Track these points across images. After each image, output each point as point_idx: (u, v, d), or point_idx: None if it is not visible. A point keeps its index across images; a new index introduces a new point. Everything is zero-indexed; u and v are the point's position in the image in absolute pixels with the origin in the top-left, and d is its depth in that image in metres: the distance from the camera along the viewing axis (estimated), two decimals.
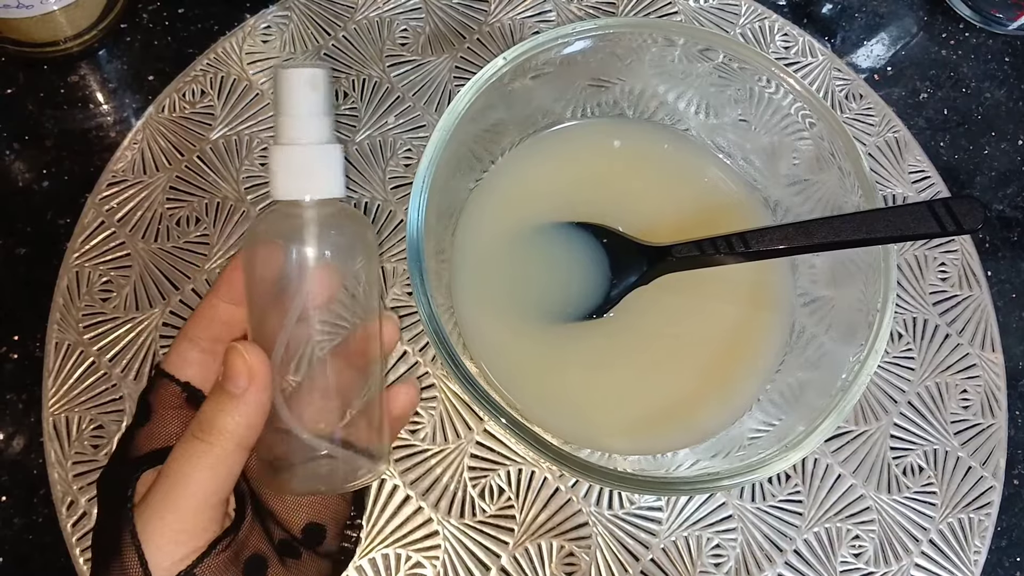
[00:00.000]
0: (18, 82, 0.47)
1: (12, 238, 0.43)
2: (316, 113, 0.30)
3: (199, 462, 0.28)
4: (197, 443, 0.29)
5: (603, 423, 0.39)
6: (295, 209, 0.30)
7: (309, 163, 0.30)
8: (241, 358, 0.29)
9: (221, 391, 0.29)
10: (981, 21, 0.52)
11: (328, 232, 0.30)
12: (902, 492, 0.42)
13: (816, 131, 0.38)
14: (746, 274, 0.39)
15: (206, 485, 0.28)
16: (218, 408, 0.29)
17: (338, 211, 0.31)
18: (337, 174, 0.31)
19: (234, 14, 0.49)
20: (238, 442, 0.29)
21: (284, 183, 0.30)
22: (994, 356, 0.44)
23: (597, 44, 0.38)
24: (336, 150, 0.31)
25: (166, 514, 0.28)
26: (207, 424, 0.29)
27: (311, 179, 0.30)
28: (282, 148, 0.30)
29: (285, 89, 0.30)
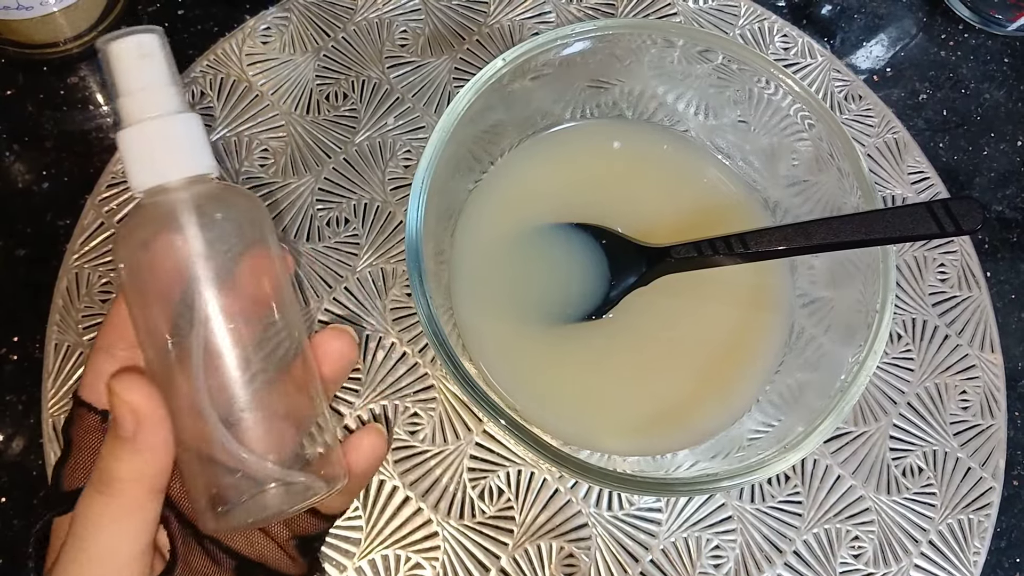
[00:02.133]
0: (18, 83, 0.47)
1: (12, 239, 0.43)
2: (156, 84, 0.25)
3: (104, 517, 0.25)
4: (99, 498, 0.25)
5: (602, 424, 0.39)
6: (164, 196, 0.25)
7: (161, 139, 0.25)
8: (118, 399, 0.25)
9: (113, 436, 0.25)
10: (980, 22, 0.52)
11: (212, 214, 0.25)
12: (901, 493, 0.42)
13: (815, 132, 0.38)
14: (745, 275, 0.39)
15: (117, 539, 0.25)
16: (113, 456, 0.25)
17: (216, 188, 0.26)
18: (200, 145, 0.26)
19: (234, 15, 0.49)
20: (144, 489, 0.25)
21: (140, 170, 0.25)
22: (993, 357, 0.44)
23: (596, 45, 0.38)
24: (191, 119, 0.26)
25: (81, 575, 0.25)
26: (105, 474, 0.25)
27: (169, 156, 0.25)
28: (127, 131, 0.25)
29: (114, 65, 0.25)
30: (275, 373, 0.27)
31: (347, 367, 0.30)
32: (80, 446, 0.29)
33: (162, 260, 0.25)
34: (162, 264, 0.25)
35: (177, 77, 0.26)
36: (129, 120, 0.25)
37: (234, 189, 0.27)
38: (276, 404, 0.26)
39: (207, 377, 0.25)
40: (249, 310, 0.26)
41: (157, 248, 0.25)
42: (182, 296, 0.25)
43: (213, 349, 0.25)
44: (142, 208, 0.26)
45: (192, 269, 0.25)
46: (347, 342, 0.30)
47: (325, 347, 0.29)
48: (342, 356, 0.30)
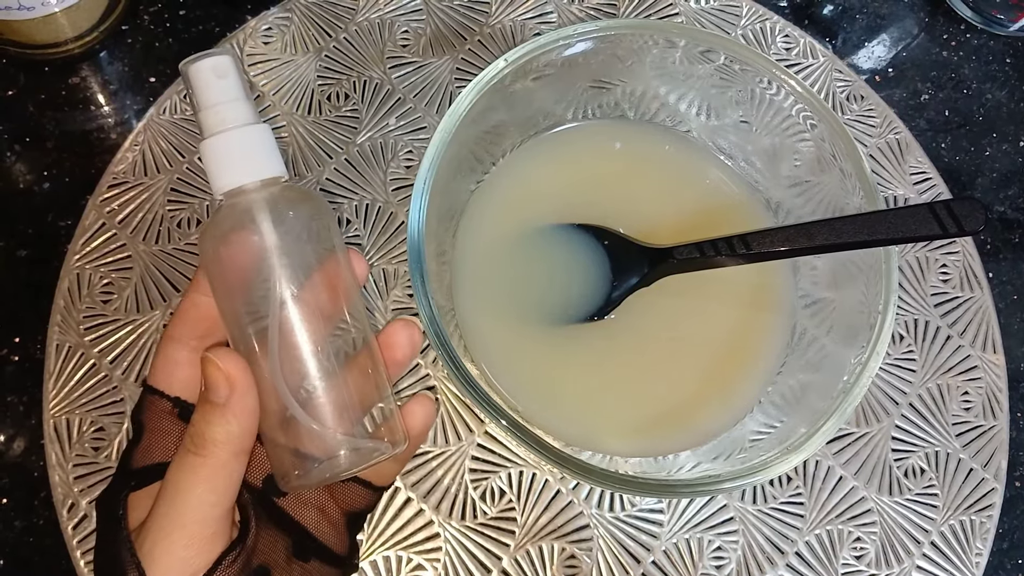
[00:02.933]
0: (19, 84, 0.47)
1: (13, 240, 0.43)
2: (231, 99, 0.29)
3: (195, 476, 0.28)
4: (191, 457, 0.28)
5: (604, 425, 0.39)
6: (241, 197, 0.29)
7: (239, 146, 0.29)
8: (214, 367, 0.28)
9: (205, 402, 0.28)
10: (982, 22, 0.52)
11: (284, 211, 0.29)
12: (903, 494, 0.41)
13: (817, 132, 0.38)
14: (747, 276, 0.39)
15: (206, 498, 0.28)
16: (205, 420, 0.28)
17: (285, 189, 0.30)
18: (271, 152, 0.29)
19: (235, 16, 0.49)
20: (232, 451, 0.28)
21: (220, 174, 0.29)
22: (995, 358, 0.44)
23: (598, 46, 0.38)
24: (263, 130, 0.29)
25: (170, 532, 0.27)
26: (198, 437, 0.28)
27: (246, 161, 0.29)
28: (208, 141, 0.29)
29: (194, 84, 0.29)
30: (343, 354, 0.30)
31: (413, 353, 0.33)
32: (152, 429, 0.31)
33: (241, 252, 0.28)
34: (241, 256, 0.29)
35: (248, 92, 0.30)
36: (209, 131, 0.29)
37: (301, 190, 0.31)
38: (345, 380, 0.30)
39: (284, 358, 0.29)
40: (319, 295, 0.29)
41: (237, 242, 0.28)
42: (260, 284, 0.28)
43: (287, 332, 0.29)
44: (222, 208, 0.29)
45: (268, 259, 0.28)
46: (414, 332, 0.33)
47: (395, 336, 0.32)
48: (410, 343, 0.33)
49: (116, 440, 0.40)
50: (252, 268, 0.29)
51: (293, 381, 0.29)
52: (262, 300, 0.29)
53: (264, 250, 0.28)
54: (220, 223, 0.29)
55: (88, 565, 0.38)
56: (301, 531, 0.32)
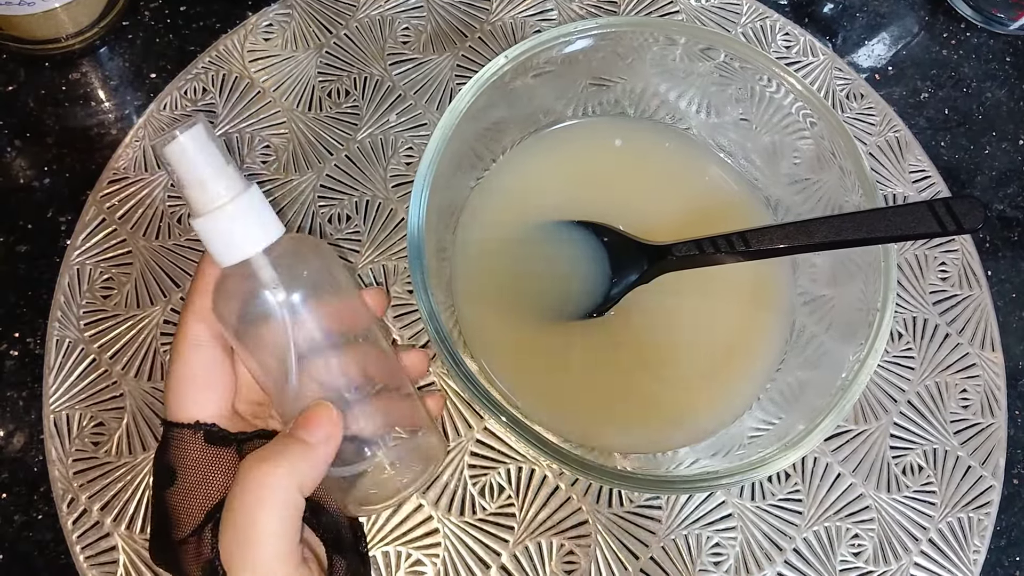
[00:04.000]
0: (19, 79, 0.47)
1: (13, 235, 0.43)
2: (215, 171, 0.28)
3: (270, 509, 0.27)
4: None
5: (603, 421, 0.39)
6: (247, 268, 0.29)
7: (236, 221, 0.29)
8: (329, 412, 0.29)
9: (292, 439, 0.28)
10: (982, 21, 0.52)
11: (294, 272, 0.29)
12: (902, 491, 0.42)
13: (817, 130, 0.38)
14: (746, 273, 0.39)
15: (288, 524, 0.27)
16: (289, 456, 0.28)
17: (288, 244, 0.30)
18: (268, 216, 0.30)
19: (236, 12, 0.49)
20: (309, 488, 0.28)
21: (222, 252, 0.29)
22: (994, 356, 0.44)
23: (598, 43, 0.38)
24: (254, 194, 0.29)
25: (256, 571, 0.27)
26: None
27: (245, 234, 0.29)
28: (202, 221, 0.29)
29: (174, 163, 0.28)
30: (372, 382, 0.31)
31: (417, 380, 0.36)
32: (184, 467, 0.30)
33: (256, 317, 0.29)
34: (257, 321, 0.29)
35: (228, 156, 0.29)
36: (200, 210, 0.29)
37: (302, 241, 0.31)
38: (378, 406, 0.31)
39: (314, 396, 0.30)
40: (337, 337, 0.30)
41: (249, 310, 0.29)
42: (279, 341, 0.29)
43: (316, 378, 0.30)
44: (230, 277, 0.30)
45: (282, 319, 0.29)
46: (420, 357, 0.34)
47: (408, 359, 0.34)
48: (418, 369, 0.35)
49: (116, 435, 0.40)
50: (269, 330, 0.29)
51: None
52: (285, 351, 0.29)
53: (277, 311, 0.29)
54: (231, 292, 0.30)
55: (88, 560, 0.38)
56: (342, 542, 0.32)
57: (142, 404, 0.40)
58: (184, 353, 0.31)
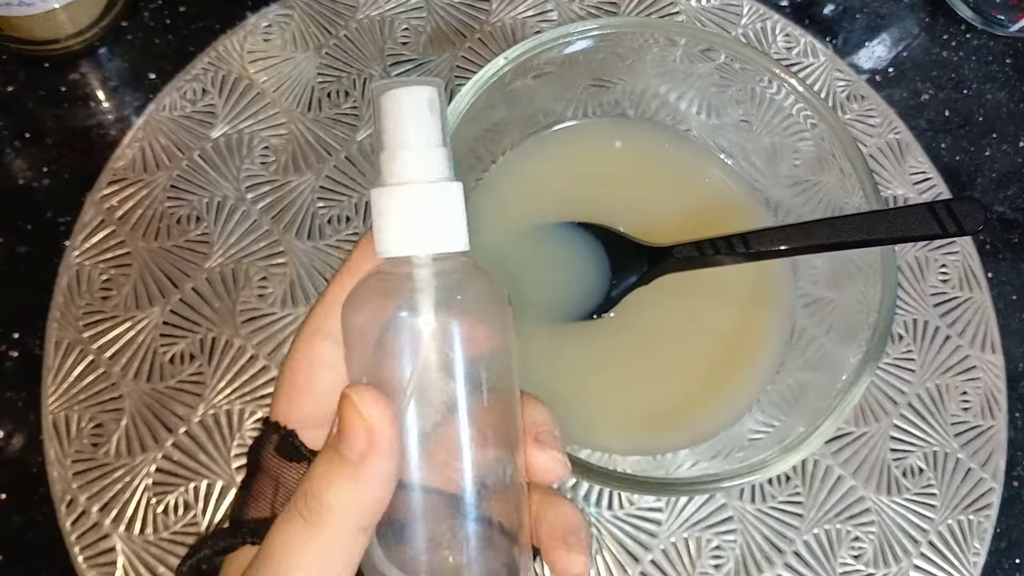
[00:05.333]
0: (19, 80, 0.46)
1: (12, 236, 0.43)
2: (432, 144, 0.23)
3: (304, 550, 0.21)
4: (301, 524, 0.21)
5: (603, 423, 0.39)
6: (406, 268, 0.23)
7: (423, 208, 0.23)
8: (356, 412, 0.21)
9: (333, 452, 0.22)
10: (982, 23, 0.52)
11: (453, 296, 0.23)
12: (902, 494, 0.41)
13: (817, 132, 0.38)
14: (747, 275, 0.39)
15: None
16: (328, 478, 0.22)
17: (464, 268, 0.24)
18: (459, 221, 0.24)
19: (235, 12, 0.49)
20: (356, 523, 0.22)
21: (391, 235, 0.23)
22: (994, 358, 0.44)
23: (598, 44, 0.38)
24: (456, 190, 0.24)
25: None
26: (314, 500, 0.21)
27: (425, 229, 0.23)
28: (387, 190, 0.23)
29: (391, 114, 0.23)
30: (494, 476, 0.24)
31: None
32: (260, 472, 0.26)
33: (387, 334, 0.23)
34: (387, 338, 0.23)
35: (447, 137, 0.24)
36: (391, 178, 0.23)
37: (482, 273, 0.25)
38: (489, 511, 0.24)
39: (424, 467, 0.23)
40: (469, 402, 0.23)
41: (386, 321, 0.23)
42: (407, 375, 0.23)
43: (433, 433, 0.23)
44: (381, 276, 0.24)
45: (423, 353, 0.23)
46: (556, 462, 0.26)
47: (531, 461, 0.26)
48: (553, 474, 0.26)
49: (115, 436, 0.40)
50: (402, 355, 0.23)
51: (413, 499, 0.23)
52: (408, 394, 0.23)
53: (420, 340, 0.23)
54: (373, 292, 0.24)
55: (87, 561, 0.38)
56: None
57: (141, 405, 0.40)
58: (298, 342, 0.26)
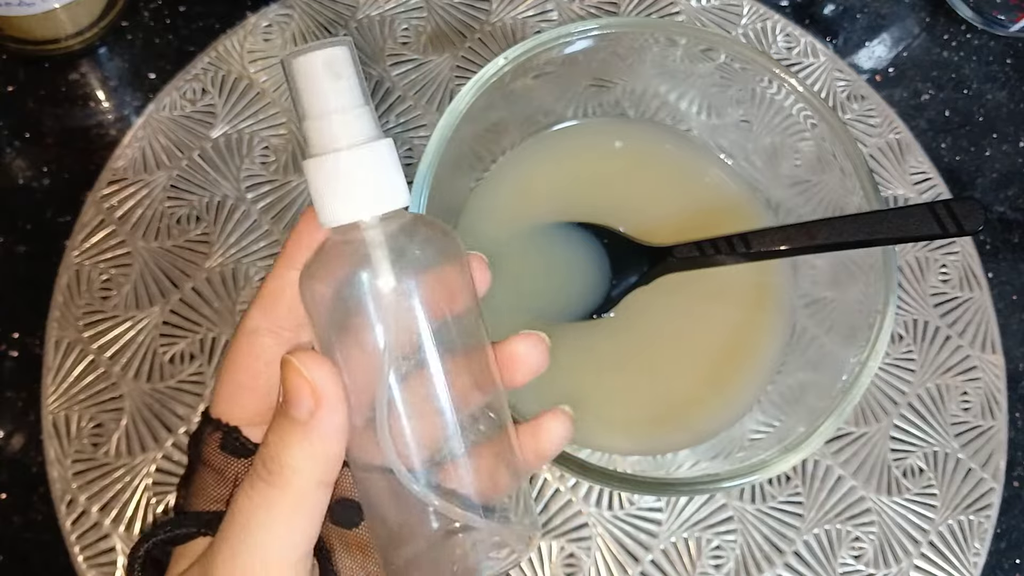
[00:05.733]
0: (19, 80, 0.46)
1: (12, 236, 0.43)
2: (348, 106, 0.23)
3: (272, 511, 0.22)
4: (263, 487, 0.22)
5: (603, 423, 0.39)
6: (355, 234, 0.23)
7: (356, 172, 0.23)
8: (298, 375, 0.22)
9: (283, 418, 0.23)
10: (983, 23, 0.52)
11: (407, 253, 0.23)
12: (902, 494, 0.41)
13: (818, 132, 0.38)
14: (747, 275, 0.39)
15: (286, 538, 0.22)
16: (283, 441, 0.22)
17: (411, 223, 0.24)
18: (396, 177, 0.24)
19: (235, 12, 0.49)
20: (316, 480, 0.23)
21: (330, 205, 0.23)
22: (994, 358, 0.44)
23: (599, 44, 0.38)
24: (386, 146, 0.23)
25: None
26: (273, 462, 0.22)
27: (365, 191, 0.23)
28: (317, 160, 0.23)
29: (302, 83, 0.23)
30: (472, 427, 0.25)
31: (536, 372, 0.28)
32: (201, 467, 0.26)
33: (353, 303, 0.23)
34: (353, 306, 0.23)
35: (368, 94, 0.24)
36: (318, 148, 0.23)
37: (429, 223, 0.25)
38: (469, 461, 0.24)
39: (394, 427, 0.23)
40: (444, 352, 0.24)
41: (348, 290, 0.23)
42: (373, 339, 0.23)
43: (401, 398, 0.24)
44: (330, 246, 0.24)
45: (386, 312, 0.23)
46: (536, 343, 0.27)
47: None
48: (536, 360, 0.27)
49: (115, 436, 0.40)
50: (364, 318, 0.23)
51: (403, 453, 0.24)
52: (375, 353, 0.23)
53: (381, 301, 0.23)
54: (327, 264, 0.24)
55: (87, 561, 0.38)
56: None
57: (141, 405, 0.40)
58: (238, 339, 0.26)
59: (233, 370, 0.26)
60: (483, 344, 0.26)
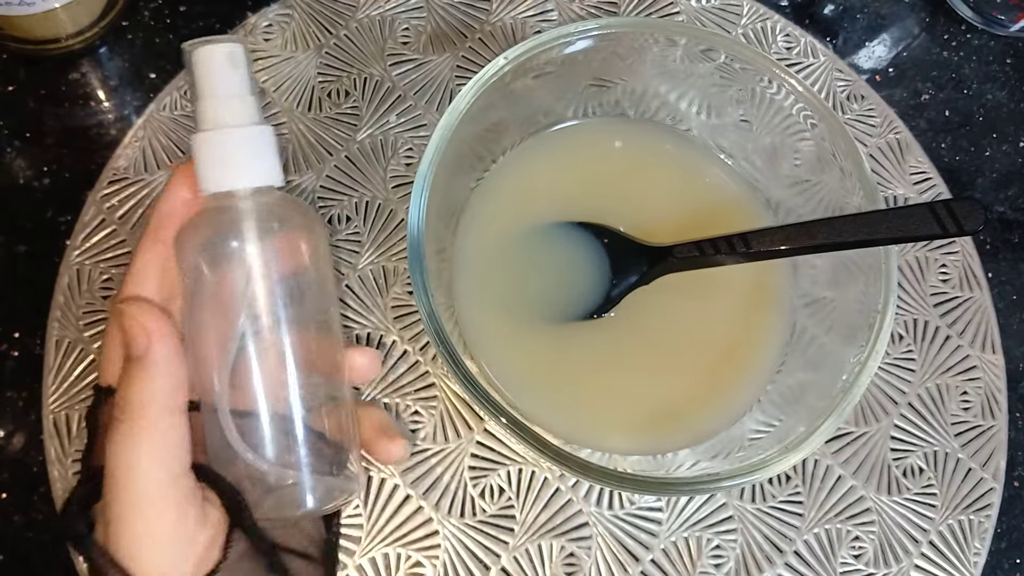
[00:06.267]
0: (19, 79, 0.46)
1: (13, 235, 0.43)
2: (240, 93, 0.27)
3: (132, 443, 0.25)
4: (120, 426, 0.25)
5: (603, 423, 0.39)
6: (229, 201, 0.27)
7: (238, 148, 0.27)
8: (131, 318, 0.26)
9: (128, 362, 0.26)
10: (983, 23, 0.52)
11: (271, 224, 0.27)
12: (902, 493, 0.41)
13: (818, 132, 0.38)
14: (747, 275, 0.39)
15: (151, 469, 0.25)
16: (128, 380, 0.26)
17: (279, 200, 0.28)
18: (271, 158, 0.28)
19: (236, 12, 0.49)
20: (162, 407, 0.25)
21: (213, 173, 0.27)
22: (994, 358, 0.44)
23: (599, 44, 0.38)
24: (267, 132, 0.28)
25: (132, 519, 0.25)
26: (122, 402, 0.25)
27: (243, 166, 0.27)
28: (206, 135, 0.27)
29: (202, 69, 0.27)
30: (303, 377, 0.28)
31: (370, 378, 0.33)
32: (97, 431, 0.29)
33: (219, 262, 0.27)
34: (219, 266, 0.27)
35: (256, 90, 0.28)
36: (207, 124, 0.27)
37: (293, 202, 0.29)
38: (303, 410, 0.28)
39: (239, 383, 0.27)
40: (292, 317, 0.28)
41: (217, 251, 0.27)
42: (232, 296, 0.27)
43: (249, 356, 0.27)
44: (207, 211, 0.28)
45: (246, 273, 0.27)
46: (372, 358, 0.32)
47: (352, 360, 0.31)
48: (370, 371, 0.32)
49: None
50: (227, 279, 0.27)
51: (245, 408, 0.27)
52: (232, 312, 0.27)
53: (243, 262, 0.27)
54: (201, 226, 0.27)
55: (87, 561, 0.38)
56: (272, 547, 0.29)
57: None
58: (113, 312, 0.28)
59: (113, 341, 0.28)
60: (331, 328, 0.30)
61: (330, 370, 0.30)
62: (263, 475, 0.28)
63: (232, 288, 0.27)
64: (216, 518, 0.27)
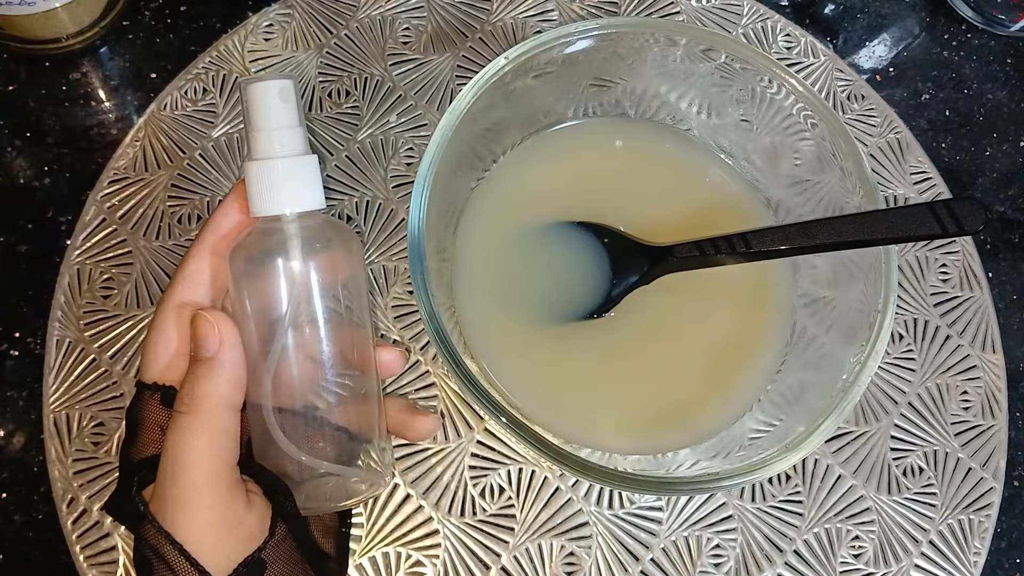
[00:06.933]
0: (20, 79, 0.47)
1: (13, 235, 0.43)
2: (289, 125, 0.30)
3: (192, 434, 0.28)
4: (183, 416, 0.28)
5: (603, 422, 0.39)
6: (277, 224, 0.30)
7: (287, 176, 0.30)
8: (207, 322, 0.29)
9: (195, 361, 0.29)
10: (983, 22, 0.52)
11: (313, 244, 0.30)
12: (902, 493, 0.42)
13: (818, 132, 0.38)
14: (747, 274, 0.39)
15: (207, 453, 0.28)
16: (194, 377, 0.29)
17: (322, 223, 0.31)
18: (316, 185, 0.31)
19: (236, 12, 0.49)
20: (223, 403, 0.29)
21: (263, 199, 0.30)
22: (995, 357, 0.44)
23: (599, 43, 0.38)
24: (312, 161, 0.31)
25: (186, 500, 0.28)
26: (187, 395, 0.29)
27: (291, 192, 0.30)
28: (258, 163, 0.30)
29: (255, 103, 0.30)
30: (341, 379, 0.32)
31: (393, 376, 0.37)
32: (144, 422, 0.31)
33: (267, 277, 0.30)
34: (266, 280, 0.30)
35: (303, 121, 0.31)
36: (259, 154, 0.30)
37: (333, 224, 0.32)
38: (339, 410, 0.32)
39: (280, 382, 0.30)
40: (330, 324, 0.31)
41: (265, 267, 0.30)
42: (277, 307, 0.30)
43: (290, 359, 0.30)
44: (257, 231, 0.31)
45: (291, 287, 0.30)
46: (398, 355, 0.35)
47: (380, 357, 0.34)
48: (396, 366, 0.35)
49: (116, 435, 0.40)
50: (274, 291, 0.30)
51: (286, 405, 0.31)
52: (276, 325, 0.30)
53: (289, 279, 0.30)
54: (252, 245, 0.31)
55: (88, 560, 0.38)
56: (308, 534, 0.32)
57: None
58: (164, 312, 0.31)
59: (162, 340, 0.31)
60: (365, 329, 0.33)
61: (363, 370, 0.33)
62: (300, 468, 0.31)
63: (278, 300, 0.30)
64: (260, 504, 0.30)
